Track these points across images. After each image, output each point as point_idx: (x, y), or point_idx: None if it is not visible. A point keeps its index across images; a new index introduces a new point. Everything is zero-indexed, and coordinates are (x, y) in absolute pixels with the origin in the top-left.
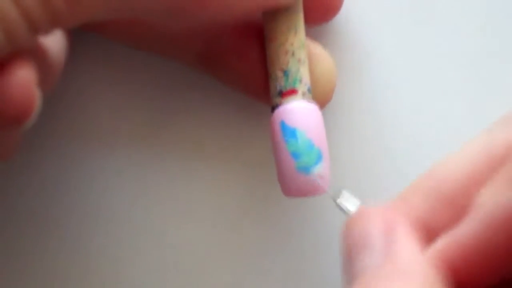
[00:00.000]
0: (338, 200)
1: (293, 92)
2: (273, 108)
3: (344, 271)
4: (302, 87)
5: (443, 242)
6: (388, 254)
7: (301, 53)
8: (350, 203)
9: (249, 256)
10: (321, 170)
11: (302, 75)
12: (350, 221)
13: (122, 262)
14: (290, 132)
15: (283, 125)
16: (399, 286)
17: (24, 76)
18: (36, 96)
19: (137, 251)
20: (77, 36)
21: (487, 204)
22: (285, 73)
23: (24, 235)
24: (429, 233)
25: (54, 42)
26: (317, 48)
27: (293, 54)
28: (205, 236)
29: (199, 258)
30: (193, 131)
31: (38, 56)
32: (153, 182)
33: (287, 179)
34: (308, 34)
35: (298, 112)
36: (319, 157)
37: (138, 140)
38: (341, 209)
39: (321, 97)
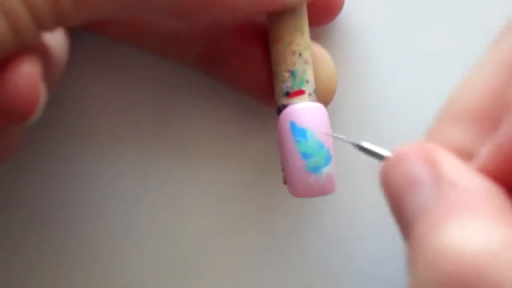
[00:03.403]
0: (364, 144)
1: (300, 92)
2: (280, 108)
3: (395, 217)
4: (308, 88)
5: (486, 150)
6: (440, 185)
7: (307, 54)
8: (374, 149)
9: (250, 255)
10: (330, 170)
11: (308, 76)
12: (387, 165)
13: (124, 261)
14: (300, 132)
15: (292, 125)
16: (471, 209)
17: (29, 71)
18: (41, 91)
19: (139, 249)
20: (78, 36)
21: None
22: (292, 73)
23: (25, 235)
24: (470, 158)
25: (56, 40)
26: (318, 49)
27: (300, 54)
28: (206, 235)
29: (200, 256)
30: (194, 131)
31: (42, 53)
32: (154, 182)
33: (296, 179)
34: (309, 35)
35: (308, 112)
36: (328, 158)
37: (139, 140)
38: (368, 153)
39: (322, 98)
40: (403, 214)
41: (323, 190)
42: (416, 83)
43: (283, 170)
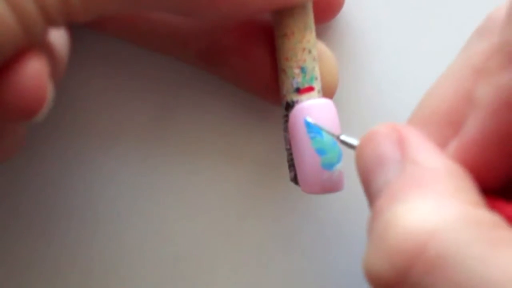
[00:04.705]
0: (342, 137)
1: (310, 89)
2: (289, 104)
3: (366, 195)
4: (317, 85)
5: (453, 146)
6: (406, 162)
7: (315, 51)
8: (351, 140)
9: (252, 253)
10: (341, 167)
11: (317, 73)
12: (360, 144)
13: (124, 258)
14: (315, 129)
15: (307, 121)
16: (427, 186)
17: (37, 68)
18: (48, 88)
19: (140, 247)
20: (78, 33)
21: (484, 93)
22: (303, 70)
23: (26, 233)
24: None
25: (58, 37)
26: (320, 46)
27: (309, 51)
28: (207, 233)
29: (201, 254)
30: (195, 128)
31: (47, 50)
32: (154, 180)
33: (310, 176)
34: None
35: (323, 109)
36: (340, 155)
37: (139, 137)
38: (346, 144)
39: (324, 95)
40: (370, 190)
41: (334, 187)
42: (416, 80)
43: (290, 167)
